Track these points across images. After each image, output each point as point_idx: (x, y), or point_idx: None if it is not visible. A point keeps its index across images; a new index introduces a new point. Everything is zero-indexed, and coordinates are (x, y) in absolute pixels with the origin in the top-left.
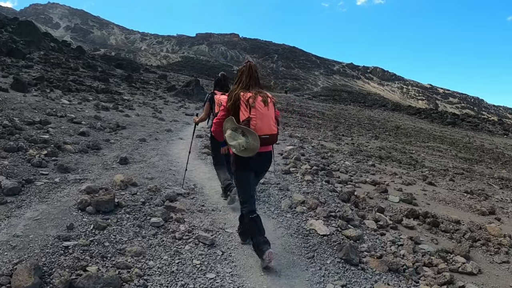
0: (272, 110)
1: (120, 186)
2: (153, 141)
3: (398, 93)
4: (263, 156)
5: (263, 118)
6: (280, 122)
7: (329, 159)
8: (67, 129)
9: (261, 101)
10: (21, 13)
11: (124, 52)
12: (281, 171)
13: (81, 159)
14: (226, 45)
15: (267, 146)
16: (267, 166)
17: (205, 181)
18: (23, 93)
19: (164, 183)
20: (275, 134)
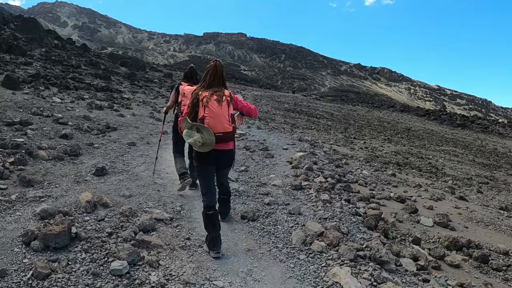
0: (226, 108)
1: (86, 208)
2: (144, 145)
3: (405, 94)
4: (223, 154)
5: (215, 117)
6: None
7: (344, 167)
8: (48, 130)
9: (214, 100)
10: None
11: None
12: (291, 186)
13: (52, 169)
14: (233, 45)
15: (225, 143)
16: (228, 162)
17: (197, 201)
18: (14, 90)
19: (143, 203)
20: (229, 132)
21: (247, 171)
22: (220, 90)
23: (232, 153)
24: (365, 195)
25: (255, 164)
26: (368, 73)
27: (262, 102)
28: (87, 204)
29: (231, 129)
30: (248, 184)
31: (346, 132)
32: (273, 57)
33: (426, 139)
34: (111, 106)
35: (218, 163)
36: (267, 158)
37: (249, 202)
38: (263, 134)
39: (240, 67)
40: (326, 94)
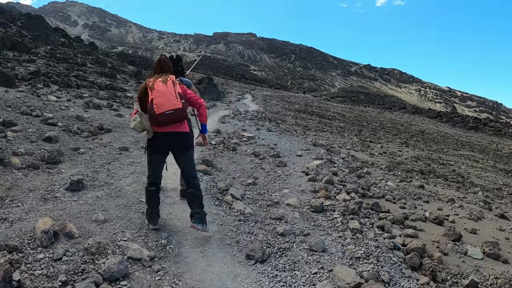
0: (172, 87)
1: (41, 241)
2: (137, 150)
3: (415, 96)
4: (174, 137)
5: (162, 95)
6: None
7: (366, 177)
8: (32, 132)
9: (159, 81)
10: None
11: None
12: (309, 207)
13: (22, 180)
14: (243, 45)
15: (177, 125)
16: (183, 147)
17: (187, 227)
18: (8, 88)
19: (119, 232)
20: (179, 109)
21: (255, 184)
22: (166, 75)
23: (186, 137)
24: (397, 216)
25: (265, 175)
26: (378, 74)
27: (272, 103)
28: (44, 235)
29: (181, 105)
30: (256, 203)
31: (361, 134)
32: (283, 57)
33: (442, 143)
34: (110, 105)
35: (171, 149)
36: (279, 167)
37: (257, 231)
38: (274, 137)
39: (250, 67)
40: (336, 95)
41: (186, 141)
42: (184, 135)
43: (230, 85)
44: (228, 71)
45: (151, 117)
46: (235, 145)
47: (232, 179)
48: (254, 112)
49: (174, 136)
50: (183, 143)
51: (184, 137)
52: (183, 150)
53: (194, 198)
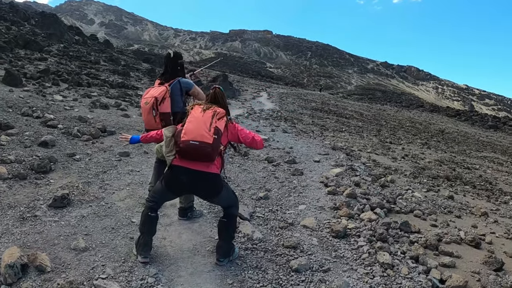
0: (209, 117)
1: (5, 277)
2: (139, 155)
3: (433, 93)
4: (197, 179)
5: (194, 121)
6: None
7: (391, 187)
8: (29, 136)
9: (199, 107)
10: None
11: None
12: (330, 230)
13: (4, 194)
14: (259, 42)
15: (201, 163)
16: (207, 192)
17: (185, 260)
18: (14, 87)
19: (99, 265)
20: (207, 144)
21: (267, 198)
22: (212, 104)
23: (213, 179)
24: (430, 238)
25: (279, 185)
26: (395, 72)
27: (288, 101)
28: (9, 270)
29: (211, 140)
30: (267, 225)
31: (380, 135)
32: (299, 54)
33: (463, 143)
34: (118, 104)
35: (194, 192)
36: (295, 175)
37: (266, 265)
38: (290, 139)
39: (266, 65)
40: (353, 93)
41: (213, 184)
42: (212, 177)
43: (245, 83)
44: (244, 69)
45: (175, 143)
46: (247, 149)
47: (241, 192)
48: (269, 111)
49: (198, 177)
50: (209, 188)
51: (211, 180)
52: (210, 195)
53: (223, 229)
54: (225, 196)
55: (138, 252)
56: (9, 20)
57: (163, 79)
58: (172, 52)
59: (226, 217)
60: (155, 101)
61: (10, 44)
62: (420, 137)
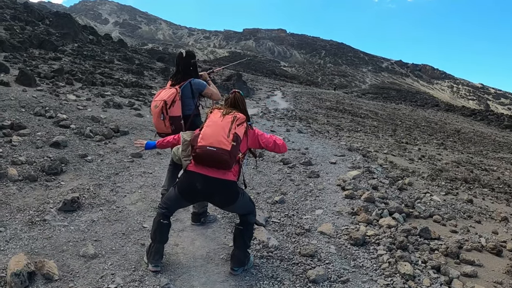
0: (228, 122)
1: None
2: (151, 157)
3: (448, 92)
4: (210, 185)
5: (212, 126)
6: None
7: (409, 190)
8: (41, 136)
9: (219, 111)
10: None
11: (172, 46)
12: (348, 238)
13: (13, 197)
14: (273, 41)
15: (217, 171)
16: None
17: (198, 269)
18: (27, 87)
19: (108, 274)
20: (224, 151)
21: (283, 202)
22: (232, 109)
23: (230, 187)
24: (451, 246)
25: (295, 189)
26: (409, 70)
27: (303, 100)
28: (15, 279)
29: (229, 147)
30: (283, 231)
31: (396, 135)
32: (313, 53)
33: (479, 144)
34: (132, 104)
35: (209, 200)
36: (311, 178)
37: (282, 275)
38: (305, 139)
39: (280, 63)
40: (368, 91)
41: (229, 193)
42: (228, 185)
43: (260, 82)
44: (258, 67)
45: (191, 147)
46: (262, 150)
47: (256, 195)
48: (284, 110)
49: (214, 184)
50: (225, 196)
51: (227, 188)
52: (226, 204)
53: (238, 237)
54: (241, 204)
55: (149, 261)
56: (23, 20)
57: (175, 80)
58: (184, 51)
59: (243, 225)
60: (164, 105)
61: (25, 44)
62: (436, 137)
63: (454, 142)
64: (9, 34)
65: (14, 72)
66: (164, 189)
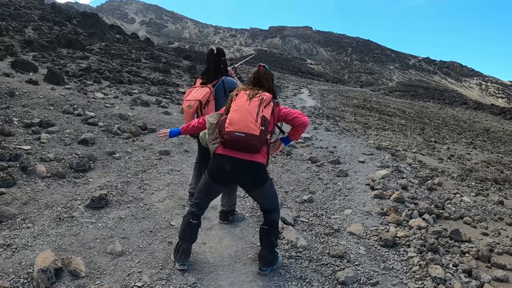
0: (255, 105)
1: (37, 283)
2: (179, 154)
3: (476, 90)
4: (240, 167)
5: (239, 111)
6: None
7: (438, 190)
8: (69, 134)
9: (245, 93)
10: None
11: (198, 45)
12: (377, 238)
13: (42, 193)
14: (299, 38)
15: (247, 154)
16: (251, 181)
17: (226, 268)
18: (56, 85)
19: (135, 272)
20: (253, 136)
21: (311, 201)
22: (258, 89)
23: (259, 169)
24: (482, 249)
25: (324, 188)
26: (437, 68)
27: (330, 97)
28: (41, 275)
29: (258, 132)
30: (312, 230)
31: (424, 133)
32: (340, 50)
33: (509, 143)
34: (159, 101)
35: (239, 182)
36: (339, 177)
37: (311, 276)
38: (333, 138)
39: (306, 61)
40: (395, 89)
41: (258, 174)
42: (257, 166)
43: (286, 79)
44: (285, 65)
45: (219, 133)
46: (290, 149)
47: (285, 194)
48: (311, 108)
49: (243, 166)
50: (254, 177)
51: (256, 169)
52: (254, 185)
53: (264, 236)
54: (268, 192)
55: (176, 259)
56: (51, 20)
57: (206, 78)
58: (215, 48)
59: (268, 224)
60: (199, 105)
61: (53, 43)
62: (465, 136)
63: (483, 141)
64: (37, 34)
65: (43, 71)
66: (191, 187)
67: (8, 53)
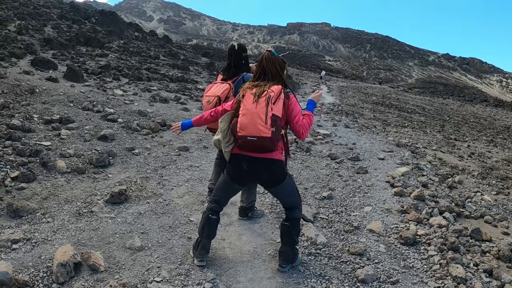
0: (263, 106)
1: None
2: (199, 150)
3: (496, 87)
4: (257, 165)
5: (248, 115)
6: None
7: (459, 188)
8: (88, 130)
9: (251, 94)
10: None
11: (216, 42)
12: (398, 236)
13: (61, 189)
14: (317, 35)
15: (262, 152)
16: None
17: (244, 264)
18: (75, 82)
19: (154, 267)
20: (265, 138)
21: (331, 198)
22: (264, 84)
23: (277, 165)
24: (503, 249)
25: (343, 184)
26: (457, 64)
27: (349, 94)
28: (60, 269)
29: (269, 134)
30: (331, 227)
31: (444, 131)
32: (358, 47)
33: None
34: (178, 98)
35: (258, 180)
36: (359, 174)
37: (331, 274)
38: (352, 135)
39: (324, 58)
40: (414, 86)
41: (275, 170)
42: (273, 163)
43: (305, 76)
44: (303, 62)
45: (233, 136)
46: (309, 145)
47: (304, 191)
48: (329, 105)
49: (259, 164)
50: (272, 174)
51: (273, 166)
52: (273, 183)
53: (285, 233)
54: (289, 188)
55: (195, 255)
56: (70, 19)
57: (226, 74)
58: (236, 44)
59: (289, 221)
60: (218, 101)
61: (72, 41)
62: (485, 134)
63: (504, 139)
64: (57, 33)
65: (62, 69)
66: (211, 183)
67: (28, 52)
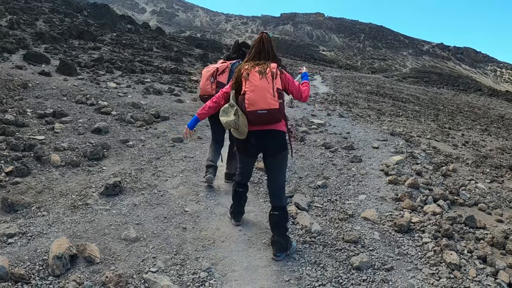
0: (270, 82)
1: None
2: (193, 141)
3: (491, 77)
4: (264, 137)
5: (257, 91)
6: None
7: (453, 176)
8: (82, 123)
9: (256, 71)
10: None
11: (209, 33)
12: (392, 224)
13: (56, 182)
14: (311, 25)
15: (269, 125)
16: (274, 146)
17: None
18: (68, 76)
19: (149, 257)
20: (274, 110)
21: (325, 186)
22: (264, 63)
23: (280, 135)
24: (497, 236)
25: (337, 173)
26: (451, 54)
27: (343, 84)
28: (56, 261)
29: (278, 105)
30: (326, 215)
31: (438, 120)
32: (352, 37)
33: None
34: (172, 90)
35: (264, 149)
36: (353, 162)
37: (325, 261)
38: (346, 124)
39: (318, 48)
40: (408, 75)
41: (281, 139)
42: (280, 133)
43: (299, 66)
44: (297, 52)
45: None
46: (303, 134)
47: (299, 180)
48: (324, 95)
49: (267, 135)
50: (277, 142)
51: (279, 135)
52: (277, 150)
53: (275, 223)
54: (284, 164)
55: (231, 217)
56: (62, 12)
57: (226, 59)
58: (240, 39)
59: (278, 210)
60: (216, 70)
61: (64, 35)
62: (479, 123)
63: (498, 128)
64: (49, 26)
65: (55, 63)
66: (209, 161)
67: (20, 46)
